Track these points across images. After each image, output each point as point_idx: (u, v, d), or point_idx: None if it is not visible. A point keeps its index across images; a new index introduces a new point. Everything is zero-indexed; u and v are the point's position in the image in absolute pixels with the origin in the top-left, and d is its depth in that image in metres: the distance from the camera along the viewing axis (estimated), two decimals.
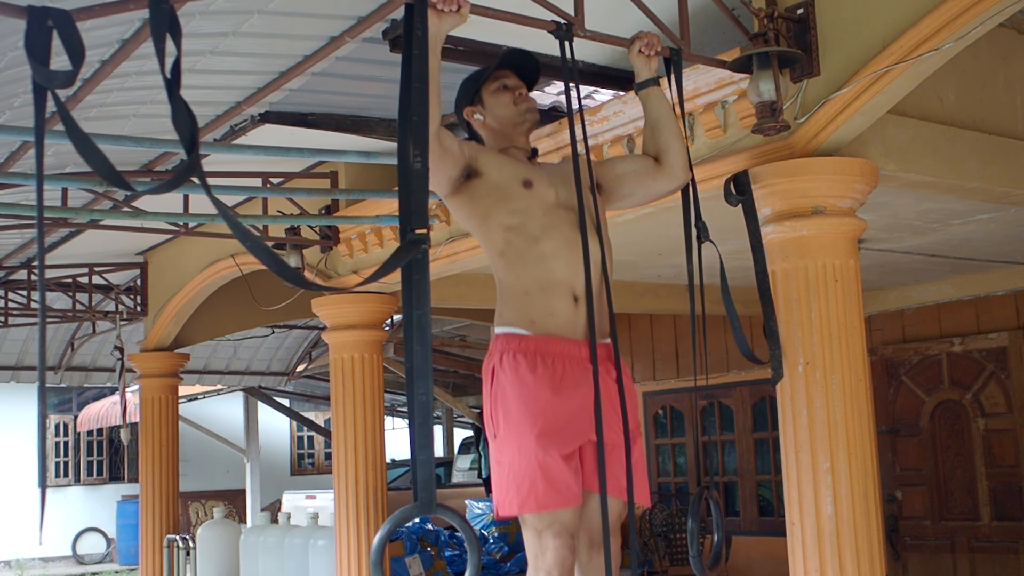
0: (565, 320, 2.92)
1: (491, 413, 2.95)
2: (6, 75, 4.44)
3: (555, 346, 2.90)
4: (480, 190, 3.00)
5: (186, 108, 1.93)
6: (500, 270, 3.02)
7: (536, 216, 2.97)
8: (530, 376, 2.87)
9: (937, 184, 4.51)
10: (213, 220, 6.07)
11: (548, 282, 2.92)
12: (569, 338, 2.92)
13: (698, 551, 3.28)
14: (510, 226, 2.97)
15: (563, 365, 2.89)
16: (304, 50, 4.54)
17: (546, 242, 2.95)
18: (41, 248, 1.89)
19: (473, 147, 3.07)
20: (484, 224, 3.02)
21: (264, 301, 8.23)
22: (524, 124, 3.18)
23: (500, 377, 2.92)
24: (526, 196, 2.99)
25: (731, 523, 9.34)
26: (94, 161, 1.91)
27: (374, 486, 6.52)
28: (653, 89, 3.28)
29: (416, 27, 2.53)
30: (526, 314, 2.93)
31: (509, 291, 2.98)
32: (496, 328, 2.99)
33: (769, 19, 3.84)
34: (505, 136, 3.17)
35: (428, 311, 2.36)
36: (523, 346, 2.90)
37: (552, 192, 3.03)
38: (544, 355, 2.89)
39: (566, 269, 2.93)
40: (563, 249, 2.94)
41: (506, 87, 3.18)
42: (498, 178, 3.01)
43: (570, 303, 2.92)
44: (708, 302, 3.46)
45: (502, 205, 2.98)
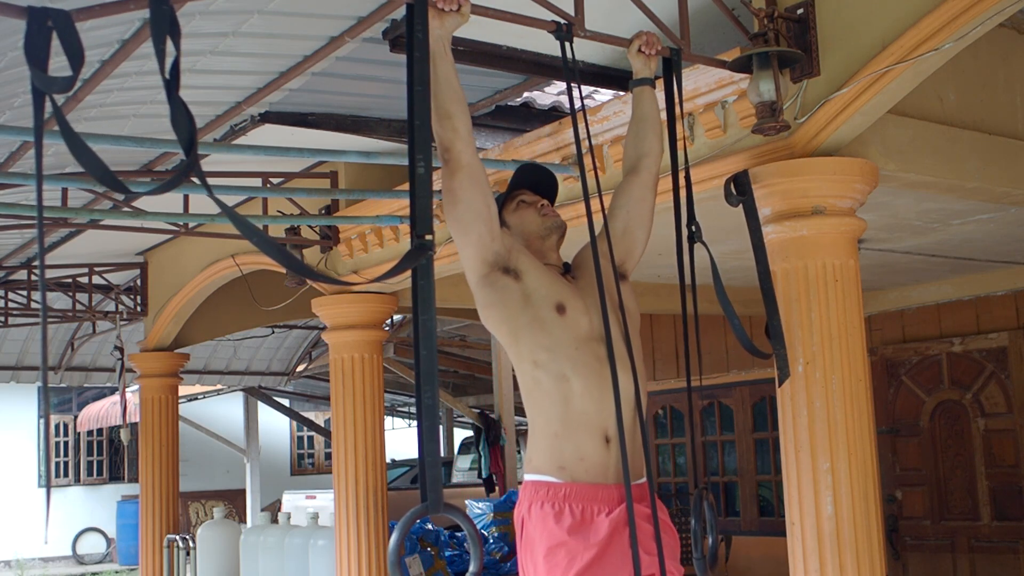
0: (596, 464, 2.77)
1: (522, 565, 2.85)
2: (6, 75, 4.44)
3: (585, 492, 2.75)
4: (513, 296, 2.85)
5: (185, 108, 1.93)
6: (528, 406, 2.88)
7: (566, 352, 2.80)
8: (557, 528, 2.73)
9: (937, 184, 4.51)
10: (213, 220, 6.07)
11: (578, 423, 2.77)
12: (600, 483, 2.77)
13: (702, 553, 3.28)
14: (538, 362, 2.81)
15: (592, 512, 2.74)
16: (304, 50, 4.54)
17: (575, 380, 2.79)
18: (41, 248, 1.89)
19: (513, 241, 2.93)
20: (515, 346, 2.86)
21: (264, 301, 8.23)
22: (552, 237, 3.05)
23: (528, 528, 2.80)
24: (558, 325, 2.82)
25: (731, 523, 9.34)
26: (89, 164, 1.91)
27: (374, 486, 6.52)
28: (647, 88, 3.27)
29: (416, 28, 2.52)
30: (555, 459, 2.79)
31: (537, 433, 2.84)
32: (525, 475, 2.87)
33: (769, 19, 3.84)
34: (536, 254, 3.00)
35: (433, 316, 2.35)
36: (552, 495, 2.76)
37: (586, 320, 2.85)
38: (573, 503, 2.75)
39: (596, 409, 2.77)
40: (593, 387, 2.78)
41: (525, 202, 3.08)
42: (534, 289, 2.85)
43: (601, 445, 2.78)
44: (706, 302, 3.46)
45: (534, 331, 2.82)
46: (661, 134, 3.26)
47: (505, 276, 2.86)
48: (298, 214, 6.52)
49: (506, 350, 2.95)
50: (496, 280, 2.86)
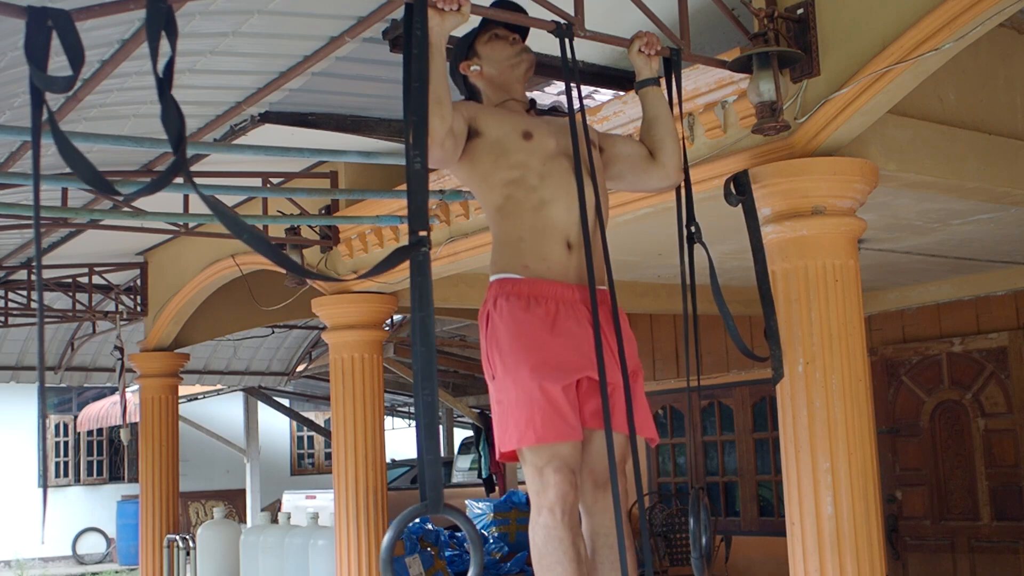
0: (558, 264, 2.93)
1: (487, 355, 2.95)
2: (6, 75, 4.44)
3: (548, 288, 2.91)
4: (480, 149, 2.99)
5: (176, 108, 1.93)
6: (496, 224, 3.03)
7: (535, 166, 2.98)
8: (523, 314, 2.87)
9: (937, 184, 4.51)
10: (213, 220, 6.07)
11: (543, 228, 2.93)
12: (562, 281, 2.92)
13: (700, 552, 3.28)
14: (510, 180, 2.97)
15: (556, 306, 2.90)
16: (304, 50, 4.54)
17: (544, 189, 2.96)
18: (38, 248, 1.90)
19: (471, 107, 3.07)
20: (484, 183, 3.02)
21: (264, 301, 8.23)
22: (521, 65, 3.17)
23: (494, 319, 2.93)
24: (526, 148, 2.99)
25: (731, 523, 9.34)
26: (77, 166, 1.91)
27: (374, 486, 6.52)
28: (652, 88, 3.28)
29: (416, 27, 2.53)
30: (519, 259, 2.94)
31: (504, 240, 2.99)
32: (490, 277, 3.00)
33: (769, 19, 3.84)
34: (504, 86, 3.16)
35: (431, 313, 2.36)
36: (516, 289, 2.91)
37: (552, 141, 3.03)
38: (538, 296, 2.90)
39: (562, 215, 2.94)
40: (560, 195, 2.95)
41: (497, 36, 3.19)
42: (497, 134, 3.00)
43: (563, 249, 2.93)
44: (705, 302, 3.46)
45: (502, 160, 2.98)
46: (675, 132, 3.28)
47: (470, 140, 2.99)
48: (298, 214, 6.52)
49: (477, 196, 3.09)
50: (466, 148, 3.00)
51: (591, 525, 2.95)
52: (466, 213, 5.81)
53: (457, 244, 5.84)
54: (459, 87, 3.28)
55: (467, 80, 3.24)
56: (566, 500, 2.81)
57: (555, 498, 2.80)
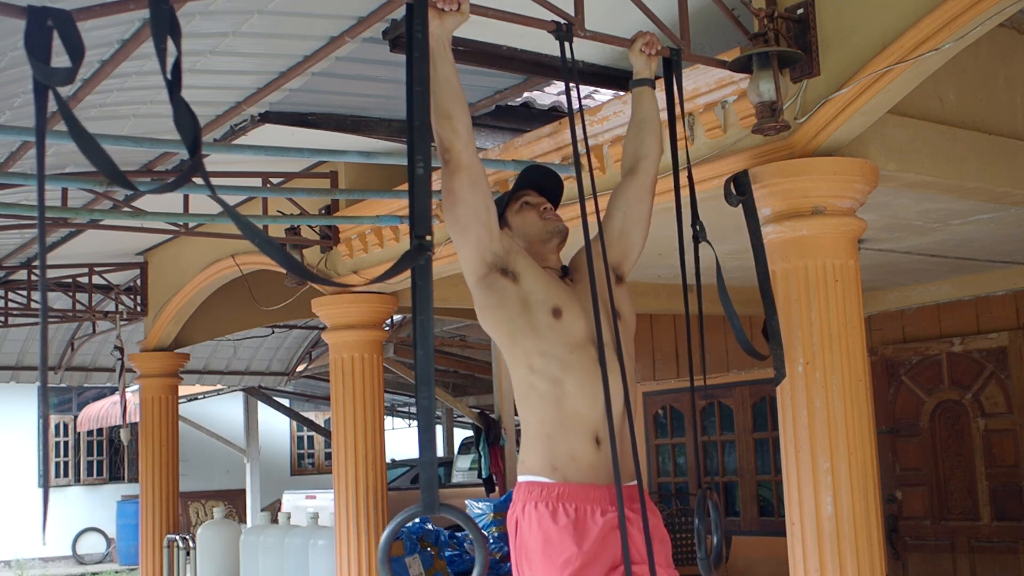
0: (587, 464, 2.80)
1: (518, 567, 2.86)
2: (6, 75, 4.44)
3: (578, 492, 2.78)
4: (511, 298, 2.87)
5: (188, 109, 1.93)
6: (522, 409, 2.90)
7: (560, 355, 2.83)
8: (552, 527, 2.75)
9: (937, 184, 4.51)
10: (213, 220, 6.07)
11: (570, 425, 2.81)
12: (592, 483, 2.80)
13: (706, 552, 3.27)
14: (534, 367, 2.84)
15: (585, 512, 2.77)
16: (304, 50, 4.54)
17: (568, 382, 2.82)
18: (42, 248, 1.89)
19: (512, 243, 2.94)
20: (511, 348, 2.89)
21: (264, 301, 8.23)
22: (552, 241, 3.05)
23: (523, 528, 2.82)
24: (553, 329, 2.85)
25: (731, 523, 9.34)
26: (97, 160, 1.91)
27: (374, 486, 6.52)
28: (647, 89, 3.28)
29: (416, 28, 2.52)
30: (548, 460, 2.82)
31: (531, 435, 2.87)
32: (519, 477, 2.89)
33: (769, 19, 3.84)
34: (536, 256, 3.01)
35: (431, 316, 2.35)
36: (545, 495, 2.79)
37: (582, 324, 2.88)
38: (567, 502, 2.77)
39: (589, 409, 2.81)
40: (586, 389, 2.81)
41: (528, 204, 3.08)
42: (531, 292, 2.86)
43: (592, 446, 2.81)
44: (705, 302, 3.46)
45: (530, 335, 2.85)
46: (661, 136, 3.27)
47: (503, 278, 2.87)
48: (298, 214, 6.52)
49: (503, 352, 2.97)
50: (494, 282, 2.88)
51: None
52: None
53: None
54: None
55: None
56: None
57: None
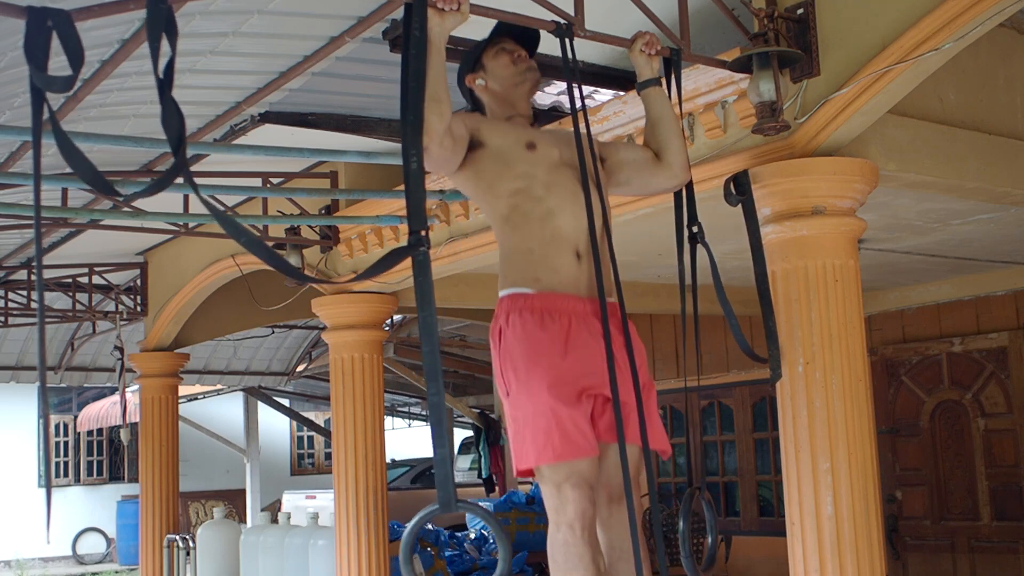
0: (569, 276, 2.93)
1: (502, 372, 2.95)
2: (6, 75, 4.44)
3: (561, 303, 2.90)
4: (483, 160, 3.00)
5: (176, 109, 1.93)
6: (504, 235, 3.02)
7: (540, 176, 2.99)
8: (538, 331, 2.87)
9: (937, 184, 4.51)
10: (213, 220, 6.06)
11: (551, 239, 2.94)
12: (573, 295, 2.92)
13: (689, 552, 3.28)
14: (515, 190, 2.98)
15: (569, 321, 2.89)
16: (304, 50, 4.54)
17: (550, 199, 2.96)
18: (39, 248, 1.90)
19: (475, 118, 3.07)
20: (489, 193, 3.03)
21: (264, 301, 8.22)
22: (525, 83, 3.17)
23: (508, 335, 2.92)
24: (529, 158, 3.00)
25: (731, 523, 9.34)
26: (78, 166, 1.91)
27: (374, 486, 6.52)
28: (655, 89, 3.29)
29: (414, 27, 2.53)
30: (530, 273, 2.94)
31: (513, 252, 2.99)
32: (500, 292, 3.00)
33: (769, 19, 3.84)
34: (508, 101, 3.17)
35: (433, 312, 2.36)
36: (529, 304, 2.90)
37: (556, 151, 3.04)
38: (551, 311, 2.89)
39: (570, 225, 2.94)
40: (567, 204, 2.95)
41: (504, 50, 3.18)
42: (501, 144, 3.01)
43: (573, 259, 2.94)
44: (706, 302, 3.46)
45: (506, 171, 2.99)
46: (680, 131, 3.29)
47: (472, 151, 2.99)
48: (298, 214, 6.52)
49: (482, 204, 3.10)
50: (467, 159, 3.00)
51: (607, 539, 2.96)
52: (466, 213, 5.81)
53: (457, 244, 5.84)
54: (465, 99, 3.29)
55: (472, 93, 3.24)
56: (585, 516, 2.83)
57: (574, 514, 2.81)
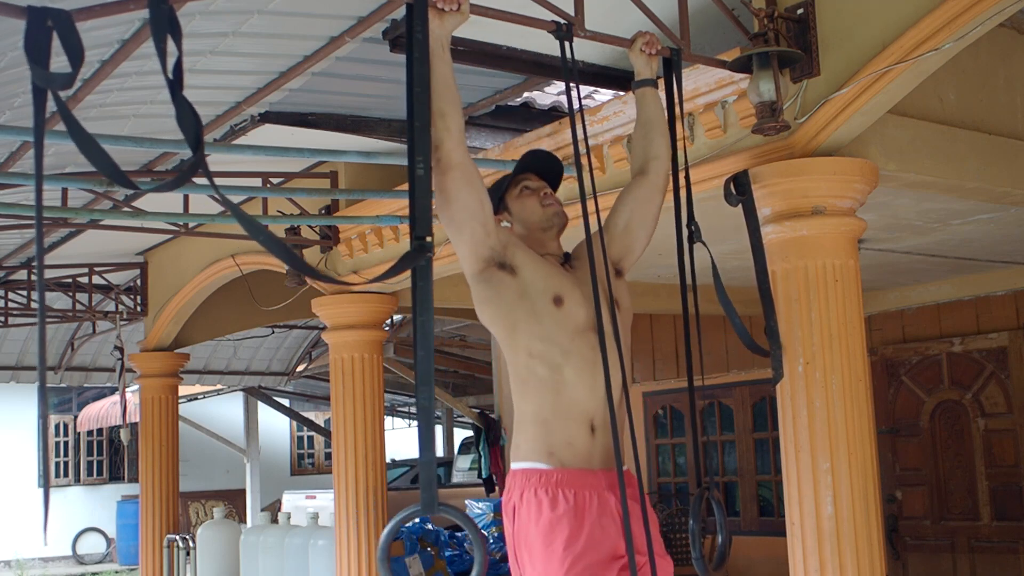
0: (583, 450, 2.83)
1: (515, 553, 2.85)
2: (6, 75, 4.44)
3: (575, 478, 2.80)
4: (509, 290, 2.86)
5: (190, 108, 1.93)
6: (519, 397, 2.92)
7: (561, 342, 2.84)
8: (552, 514, 2.76)
9: (937, 184, 4.51)
10: (213, 220, 6.07)
11: (567, 411, 2.83)
12: (587, 469, 2.82)
13: (700, 552, 3.27)
14: (534, 352, 2.85)
15: (584, 498, 2.78)
16: (304, 50, 4.54)
17: (568, 368, 2.84)
18: (40, 248, 1.89)
19: (509, 236, 2.92)
20: (511, 338, 2.89)
21: (264, 301, 8.23)
22: (553, 228, 3.05)
23: (521, 515, 2.82)
24: (554, 316, 2.85)
25: (731, 523, 9.32)
26: (98, 160, 1.91)
27: (374, 486, 6.52)
28: (650, 90, 3.28)
29: (416, 29, 2.52)
30: (544, 445, 2.83)
31: (527, 419, 2.88)
32: (512, 463, 2.89)
33: (769, 19, 3.84)
34: (535, 242, 3.02)
35: (431, 317, 2.35)
36: (543, 482, 2.80)
37: (582, 311, 2.88)
38: (565, 488, 2.78)
39: (586, 397, 2.83)
40: (585, 376, 2.83)
41: (529, 188, 3.07)
42: (531, 282, 2.86)
43: (587, 433, 2.83)
44: (705, 302, 3.45)
45: (531, 323, 2.85)
46: (668, 135, 3.27)
47: (501, 271, 2.87)
48: (298, 214, 6.52)
49: (501, 344, 2.97)
50: (492, 276, 2.87)
51: None
52: None
53: None
54: None
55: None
56: None
57: None
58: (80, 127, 1.88)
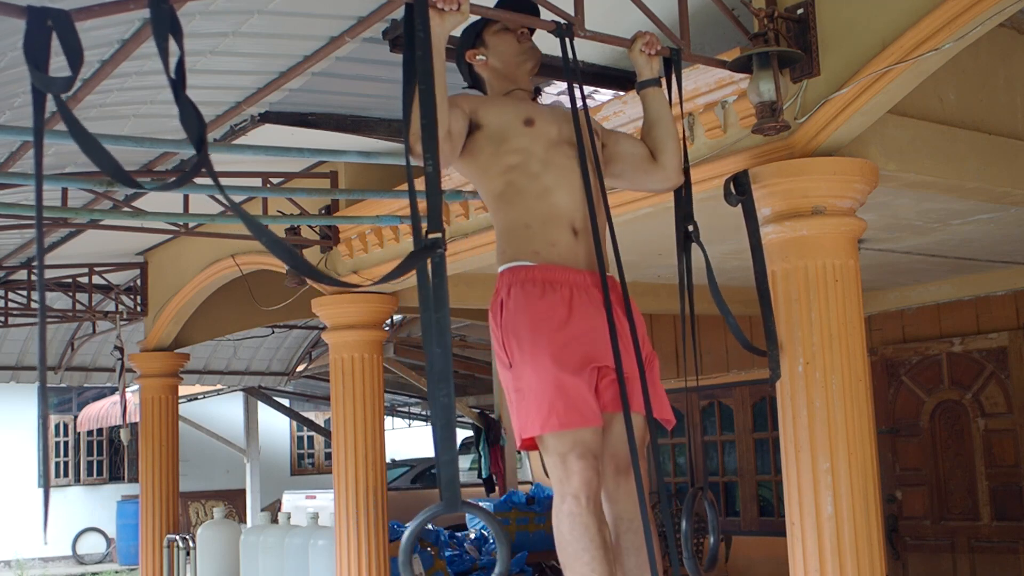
0: (567, 250, 2.94)
1: (504, 343, 2.93)
2: (6, 75, 4.44)
3: (561, 274, 2.91)
4: (480, 141, 3.01)
5: (193, 108, 1.93)
6: (499, 211, 3.03)
7: (537, 153, 2.99)
8: (540, 301, 2.87)
9: (937, 184, 4.51)
10: (213, 220, 6.07)
11: (548, 214, 2.95)
12: (573, 267, 2.93)
13: (691, 553, 3.28)
14: (512, 165, 2.98)
15: (571, 291, 2.90)
16: (304, 50, 4.53)
17: (547, 176, 2.97)
18: (40, 248, 1.89)
19: (472, 99, 3.06)
20: (484, 173, 3.04)
21: (264, 301, 8.22)
22: (527, 62, 3.18)
23: (509, 306, 2.92)
24: (528, 133, 3.00)
25: (731, 523, 9.34)
26: (100, 160, 1.91)
27: (374, 486, 6.52)
28: (653, 89, 3.30)
29: (417, 28, 2.53)
30: (529, 246, 2.94)
31: (510, 228, 3.00)
32: (499, 267, 3.00)
33: (769, 19, 3.84)
34: (509, 77, 3.18)
35: (447, 314, 2.35)
36: (530, 275, 2.91)
37: (555, 128, 3.04)
38: (552, 282, 2.90)
39: (567, 202, 2.95)
40: (563, 182, 2.97)
41: (507, 28, 3.18)
42: (498, 123, 3.01)
43: (570, 235, 2.95)
44: (706, 302, 3.46)
45: (503, 147, 2.99)
46: (676, 133, 3.30)
47: (472, 134, 3.00)
48: (298, 214, 6.52)
49: (477, 186, 3.10)
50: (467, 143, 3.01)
51: (613, 511, 2.96)
52: (466, 213, 5.81)
53: (457, 244, 5.84)
54: (463, 74, 3.28)
55: (472, 68, 3.24)
56: (590, 486, 2.82)
57: (579, 484, 2.80)
58: (81, 127, 1.88)
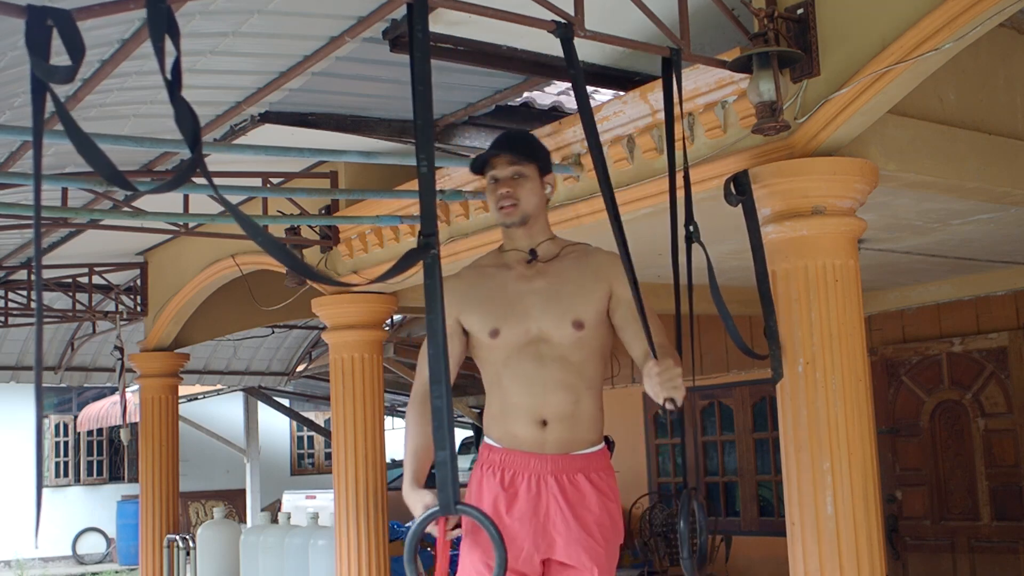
0: (532, 440, 2.95)
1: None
2: (6, 75, 4.44)
3: (518, 458, 2.94)
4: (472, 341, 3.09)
5: (188, 108, 1.93)
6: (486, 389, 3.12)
7: (497, 365, 3.01)
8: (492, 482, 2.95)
9: (937, 184, 4.51)
10: (213, 220, 6.07)
11: (511, 410, 2.98)
12: (535, 453, 2.94)
13: (689, 553, 3.29)
14: (482, 369, 3.09)
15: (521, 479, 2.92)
16: (304, 50, 4.54)
17: (509, 383, 2.99)
18: (38, 248, 1.89)
19: (455, 306, 3.02)
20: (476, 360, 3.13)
21: (264, 301, 8.22)
22: (506, 218, 3.03)
23: (471, 482, 3.04)
24: (490, 346, 3.01)
25: (731, 523, 9.34)
26: (95, 161, 1.91)
27: (374, 486, 6.52)
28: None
29: (416, 28, 2.53)
30: (498, 430, 3.02)
31: (489, 408, 3.08)
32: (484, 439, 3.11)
33: (769, 19, 3.84)
34: (505, 233, 3.13)
35: (440, 315, 2.35)
36: (491, 456, 2.99)
37: (522, 332, 2.98)
38: (507, 465, 2.95)
39: (532, 401, 2.95)
40: (525, 385, 2.96)
41: (495, 180, 3.03)
42: (474, 326, 3.04)
43: (536, 428, 2.94)
44: (706, 302, 3.46)
45: (474, 351, 3.09)
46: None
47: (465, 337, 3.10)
48: (298, 214, 6.52)
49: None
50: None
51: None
52: (466, 213, 5.80)
53: (457, 244, 5.84)
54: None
55: None
56: None
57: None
58: (77, 127, 1.88)
